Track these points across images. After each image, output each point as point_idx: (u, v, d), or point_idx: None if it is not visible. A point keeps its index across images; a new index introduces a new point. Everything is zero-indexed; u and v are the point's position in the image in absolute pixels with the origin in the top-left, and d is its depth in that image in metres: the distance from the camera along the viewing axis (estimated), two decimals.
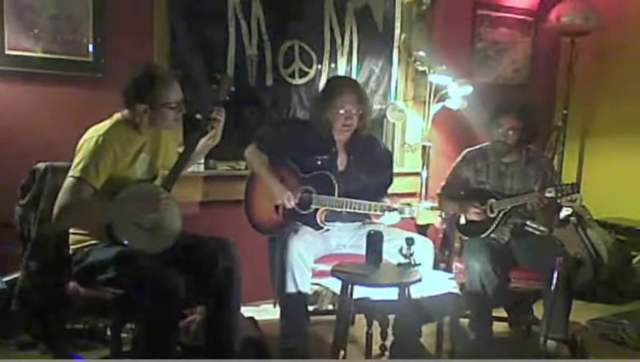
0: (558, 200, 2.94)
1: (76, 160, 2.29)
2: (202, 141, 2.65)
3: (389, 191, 3.10)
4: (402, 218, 2.75)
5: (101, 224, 2.34)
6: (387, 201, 2.85)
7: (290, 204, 2.88)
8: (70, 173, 2.27)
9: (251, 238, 2.98)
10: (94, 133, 2.34)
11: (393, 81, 4.08)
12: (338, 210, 2.84)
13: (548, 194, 2.90)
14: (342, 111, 2.89)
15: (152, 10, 3.23)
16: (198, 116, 2.58)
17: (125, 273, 2.28)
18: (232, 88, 2.69)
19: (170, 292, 2.22)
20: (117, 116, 2.43)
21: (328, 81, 3.32)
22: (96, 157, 2.27)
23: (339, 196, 2.83)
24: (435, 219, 2.73)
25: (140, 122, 2.41)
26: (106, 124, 2.38)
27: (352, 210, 2.82)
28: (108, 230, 2.33)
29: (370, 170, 3.01)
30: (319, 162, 2.94)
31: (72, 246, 2.41)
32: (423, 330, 2.76)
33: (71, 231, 2.41)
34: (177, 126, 2.58)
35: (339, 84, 3.04)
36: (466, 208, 3.09)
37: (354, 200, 2.80)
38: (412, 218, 2.72)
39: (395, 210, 2.74)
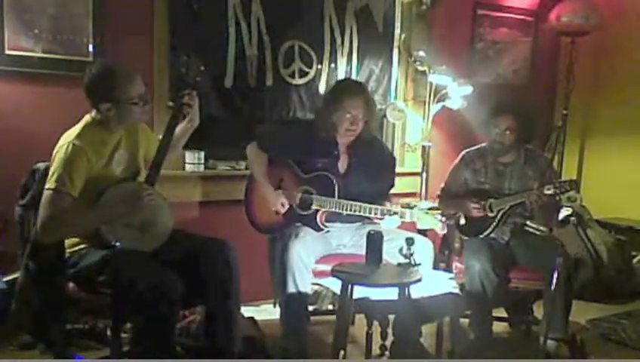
0: (558, 198, 2.95)
1: (51, 170, 2.28)
2: (180, 126, 2.63)
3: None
4: (403, 222, 2.75)
5: (89, 230, 2.33)
6: (388, 205, 2.85)
7: (283, 210, 2.87)
8: (47, 185, 2.26)
9: (251, 238, 2.99)
10: (64, 140, 2.32)
11: (393, 81, 4.07)
12: (338, 211, 2.83)
13: (547, 192, 2.90)
14: (348, 116, 2.86)
15: (152, 10, 3.23)
16: (170, 103, 2.56)
17: (119, 275, 2.28)
18: (202, 68, 2.66)
19: (166, 292, 2.22)
20: (86, 118, 2.41)
21: (337, 83, 3.28)
22: (69, 165, 2.26)
23: (339, 198, 2.83)
24: (436, 224, 2.71)
25: (108, 121, 2.39)
26: (76, 129, 2.37)
27: (352, 213, 2.81)
28: (97, 234, 2.33)
29: (372, 173, 2.98)
30: (320, 164, 2.93)
31: (67, 250, 2.40)
32: (423, 330, 2.76)
33: None
34: (145, 120, 2.55)
35: (347, 88, 2.98)
36: (466, 206, 3.09)
37: (355, 203, 2.79)
38: (413, 221, 2.72)
39: (395, 213, 2.73)
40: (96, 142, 2.37)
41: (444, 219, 2.70)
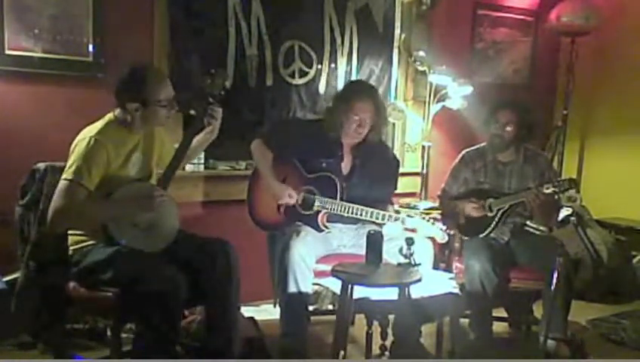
0: (557, 197, 2.95)
1: (69, 162, 2.29)
2: (199, 136, 2.66)
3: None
4: (405, 228, 2.74)
5: (97, 225, 2.34)
6: (390, 209, 2.84)
7: (292, 201, 2.86)
8: (64, 176, 2.27)
9: (251, 238, 2.99)
10: (87, 134, 2.33)
11: (393, 81, 4.08)
12: (340, 213, 2.83)
13: (546, 191, 2.90)
14: (356, 118, 2.85)
15: (152, 10, 3.23)
16: (193, 112, 2.58)
17: (125, 273, 2.28)
18: (227, 83, 2.68)
19: (172, 292, 2.22)
20: (109, 116, 2.43)
21: (349, 83, 3.27)
22: (89, 159, 2.27)
23: (341, 200, 2.83)
24: (437, 233, 2.71)
25: (132, 121, 2.41)
26: (97, 125, 2.38)
27: (353, 216, 2.80)
28: (105, 231, 2.33)
29: (375, 177, 2.97)
30: (324, 164, 2.92)
31: (70, 247, 2.41)
32: (423, 330, 2.77)
33: (69, 232, 2.41)
34: (168, 123, 2.57)
35: (358, 90, 2.95)
36: (465, 206, 3.09)
37: (357, 206, 2.78)
38: (413, 229, 2.71)
39: (397, 219, 2.73)
40: (117, 141, 2.38)
41: (445, 228, 2.70)
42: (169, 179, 2.46)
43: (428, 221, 2.71)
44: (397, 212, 2.92)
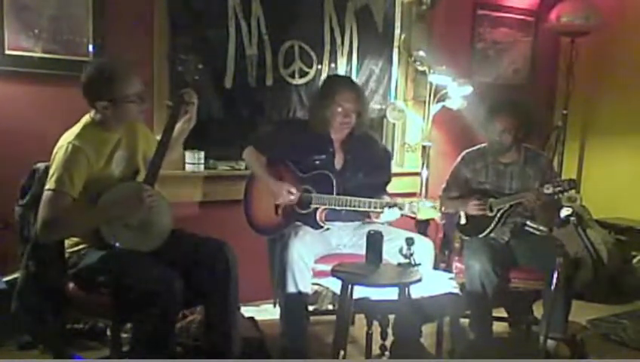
0: (557, 197, 2.95)
1: (51, 171, 2.28)
2: (177, 126, 2.61)
3: (389, 190, 3.10)
4: (402, 215, 2.75)
5: (88, 230, 2.33)
6: (387, 198, 2.85)
7: (292, 198, 2.87)
8: (47, 186, 2.26)
9: (251, 238, 2.99)
10: (64, 141, 2.31)
11: (393, 81, 4.08)
12: (338, 208, 2.84)
13: (546, 191, 2.90)
14: (340, 109, 2.89)
15: (152, 11, 3.23)
16: (169, 103, 2.56)
17: (120, 275, 2.28)
18: (200, 66, 2.67)
19: (165, 292, 2.22)
20: (86, 118, 2.41)
21: (326, 79, 3.32)
22: (69, 166, 2.25)
23: (337, 194, 2.84)
24: (435, 214, 2.76)
25: (106, 120, 2.39)
26: (75, 129, 2.36)
27: (352, 208, 2.81)
28: (97, 235, 2.32)
29: (368, 168, 3.01)
30: (317, 162, 2.94)
31: (67, 250, 2.40)
32: (423, 330, 2.76)
33: None
34: (142, 118, 2.55)
35: (336, 83, 3.05)
36: (467, 204, 3.09)
37: (354, 198, 2.80)
38: (413, 214, 2.73)
39: (395, 205, 2.74)
40: (96, 142, 2.36)
41: (443, 208, 2.74)
42: (155, 174, 2.43)
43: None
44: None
